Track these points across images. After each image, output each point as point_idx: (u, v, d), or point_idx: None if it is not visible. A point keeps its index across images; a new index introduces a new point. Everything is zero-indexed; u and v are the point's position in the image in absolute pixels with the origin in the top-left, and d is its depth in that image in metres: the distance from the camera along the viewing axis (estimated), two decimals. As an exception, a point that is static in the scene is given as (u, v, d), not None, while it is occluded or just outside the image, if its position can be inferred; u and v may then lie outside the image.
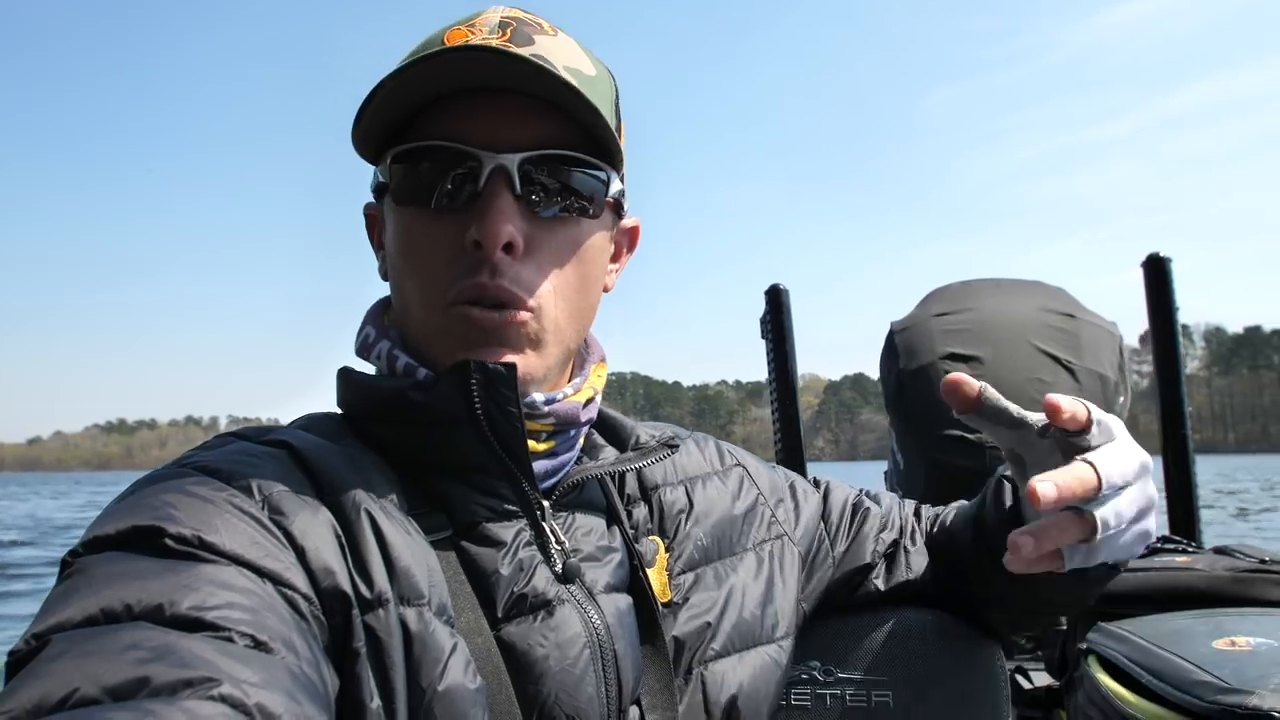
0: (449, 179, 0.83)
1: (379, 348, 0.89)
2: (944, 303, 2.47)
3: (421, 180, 0.84)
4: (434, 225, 0.84)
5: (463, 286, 0.83)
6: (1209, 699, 1.28)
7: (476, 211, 0.82)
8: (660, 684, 0.89)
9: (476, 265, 0.82)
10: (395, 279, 0.90)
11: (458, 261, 0.83)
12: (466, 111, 0.83)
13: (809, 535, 1.11)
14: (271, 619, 0.62)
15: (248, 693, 0.55)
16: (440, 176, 0.83)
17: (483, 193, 0.82)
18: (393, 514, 0.77)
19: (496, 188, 0.82)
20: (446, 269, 0.83)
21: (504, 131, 0.83)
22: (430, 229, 0.84)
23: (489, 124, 0.83)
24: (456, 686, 0.72)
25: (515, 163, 0.82)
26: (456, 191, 0.83)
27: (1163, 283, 2.53)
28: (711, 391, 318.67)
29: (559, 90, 0.81)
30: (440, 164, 0.83)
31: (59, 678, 0.54)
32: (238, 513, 0.69)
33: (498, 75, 0.81)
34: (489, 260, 0.82)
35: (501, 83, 0.82)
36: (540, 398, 0.87)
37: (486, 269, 0.82)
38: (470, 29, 0.84)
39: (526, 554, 0.83)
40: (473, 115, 0.83)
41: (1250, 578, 1.74)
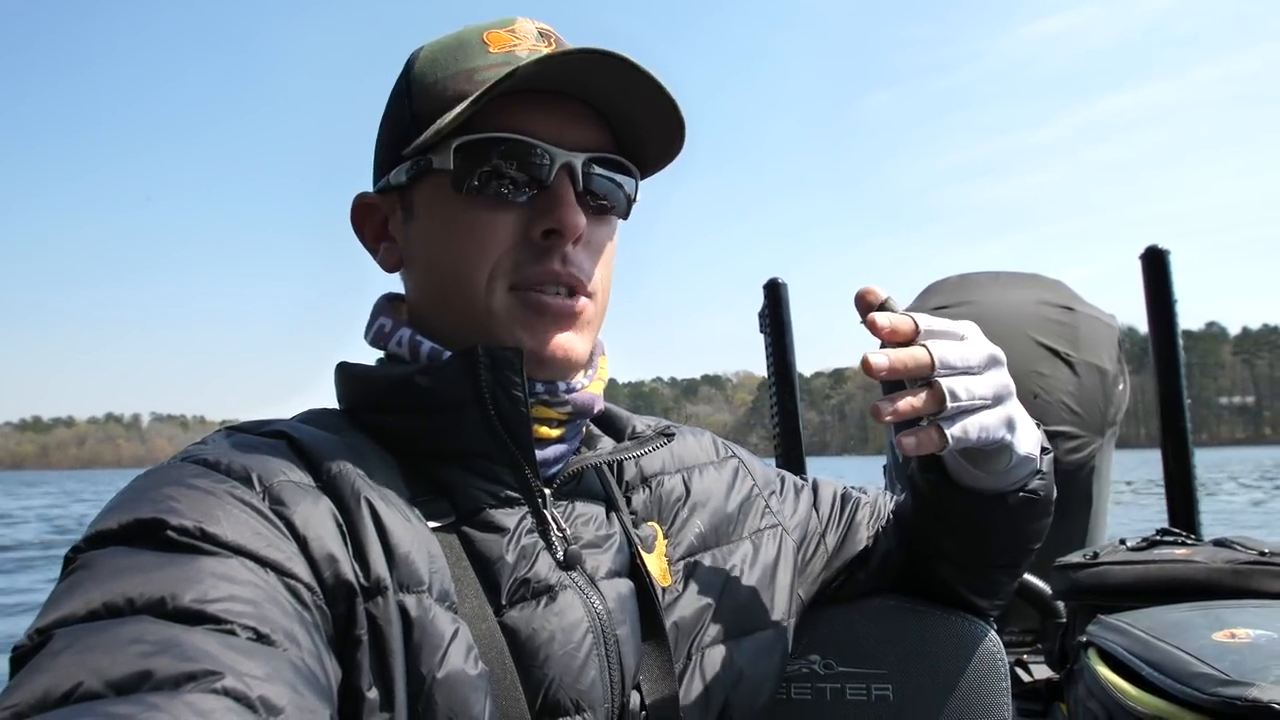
0: (522, 171, 0.86)
1: (399, 335, 0.90)
2: (942, 296, 2.48)
3: (491, 169, 0.86)
4: (499, 213, 0.87)
5: (533, 272, 0.87)
6: (1209, 691, 1.28)
7: (545, 204, 0.86)
8: (661, 668, 0.90)
9: (547, 253, 0.87)
10: (436, 266, 0.90)
11: (523, 249, 0.87)
12: (535, 110, 0.87)
13: (802, 526, 1.13)
14: (274, 611, 0.63)
15: (250, 685, 0.55)
16: (512, 168, 0.86)
17: (552, 186, 0.87)
18: (393, 501, 0.78)
19: (563, 182, 0.87)
20: (509, 255, 0.87)
21: (568, 132, 0.88)
22: (493, 216, 0.87)
23: (556, 123, 0.87)
24: (457, 673, 0.73)
25: (580, 161, 0.88)
26: (524, 183, 0.87)
27: (1161, 275, 2.52)
28: (647, 388, 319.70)
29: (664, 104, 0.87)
30: (513, 156, 0.86)
31: (62, 672, 0.54)
32: (239, 504, 0.69)
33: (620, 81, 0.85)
34: (560, 249, 0.87)
35: (583, 81, 0.86)
36: (562, 385, 0.90)
37: (557, 257, 0.87)
38: (512, 34, 0.90)
39: (529, 540, 0.84)
40: (541, 114, 0.87)
41: (1250, 570, 1.74)
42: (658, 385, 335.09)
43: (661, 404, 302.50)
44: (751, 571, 1.03)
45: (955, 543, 1.09)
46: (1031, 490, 1.02)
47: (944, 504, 1.04)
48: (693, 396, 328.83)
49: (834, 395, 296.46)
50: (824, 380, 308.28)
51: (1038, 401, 2.18)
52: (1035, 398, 2.18)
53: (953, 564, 1.13)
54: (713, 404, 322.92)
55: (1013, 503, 1.02)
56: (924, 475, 1.05)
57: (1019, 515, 1.04)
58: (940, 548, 1.11)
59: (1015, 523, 1.05)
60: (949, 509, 1.04)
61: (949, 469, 1.02)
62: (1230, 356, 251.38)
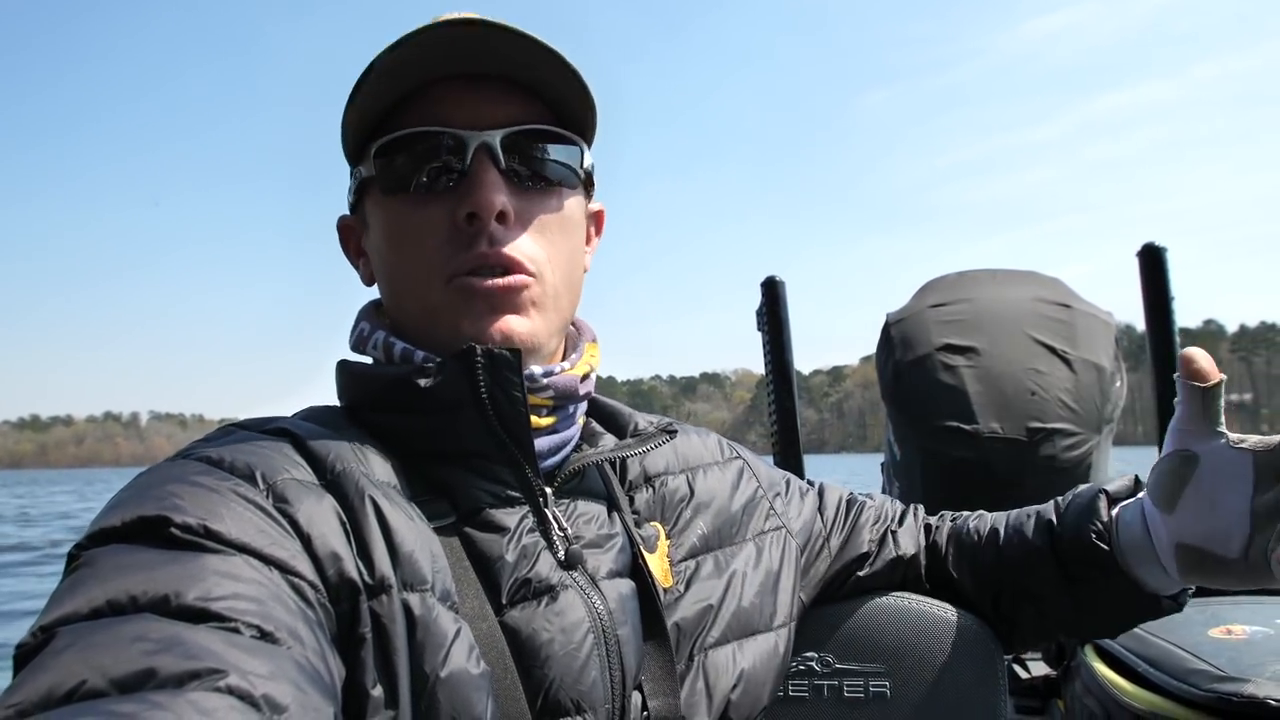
0: (436, 161, 0.86)
1: (375, 338, 0.90)
2: (940, 293, 2.47)
3: (408, 167, 0.86)
4: (425, 208, 0.86)
5: (463, 259, 0.85)
6: (1205, 687, 1.29)
7: (464, 189, 0.85)
8: (662, 670, 0.89)
9: (473, 238, 0.85)
10: (386, 271, 0.92)
11: (453, 240, 0.86)
12: (445, 97, 0.86)
13: (806, 529, 1.12)
14: (278, 609, 0.62)
15: (255, 684, 0.55)
16: (427, 160, 0.86)
17: (469, 170, 0.85)
18: (396, 499, 0.78)
19: (482, 164, 0.85)
20: (441, 248, 0.86)
21: (484, 112, 0.86)
22: (421, 212, 0.87)
23: (469, 107, 0.86)
24: (459, 672, 0.72)
25: (498, 139, 0.86)
26: (444, 173, 0.86)
27: (1158, 272, 2.53)
28: (645, 386, 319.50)
29: (547, 60, 0.85)
30: (426, 148, 0.86)
31: (66, 670, 0.54)
32: (243, 501, 0.69)
33: (484, 49, 0.84)
34: (484, 231, 0.85)
35: (487, 59, 0.85)
36: (538, 370, 0.88)
37: (484, 240, 0.85)
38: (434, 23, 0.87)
39: (530, 540, 0.84)
40: (452, 100, 0.86)
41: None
42: (656, 383, 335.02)
43: (660, 402, 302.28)
44: (755, 574, 1.02)
45: (1064, 603, 1.07)
46: (1182, 602, 1.03)
47: (1089, 574, 1.03)
48: (691, 394, 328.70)
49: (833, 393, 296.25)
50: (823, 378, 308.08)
51: (1035, 399, 2.18)
52: (1032, 395, 2.18)
53: (1041, 613, 1.11)
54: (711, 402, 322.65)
55: (1165, 607, 1.02)
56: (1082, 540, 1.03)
57: (1153, 614, 1.04)
58: (1043, 597, 1.09)
59: (1141, 618, 1.05)
60: (1089, 581, 1.03)
61: (1121, 549, 1.00)
62: (1228, 354, 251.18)
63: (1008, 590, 1.12)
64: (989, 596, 1.14)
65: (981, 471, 2.16)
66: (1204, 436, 0.90)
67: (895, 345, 2.42)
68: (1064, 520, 1.07)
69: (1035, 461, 2.12)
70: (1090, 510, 1.04)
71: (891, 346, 2.43)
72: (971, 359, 2.26)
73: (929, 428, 2.27)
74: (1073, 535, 1.04)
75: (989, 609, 1.15)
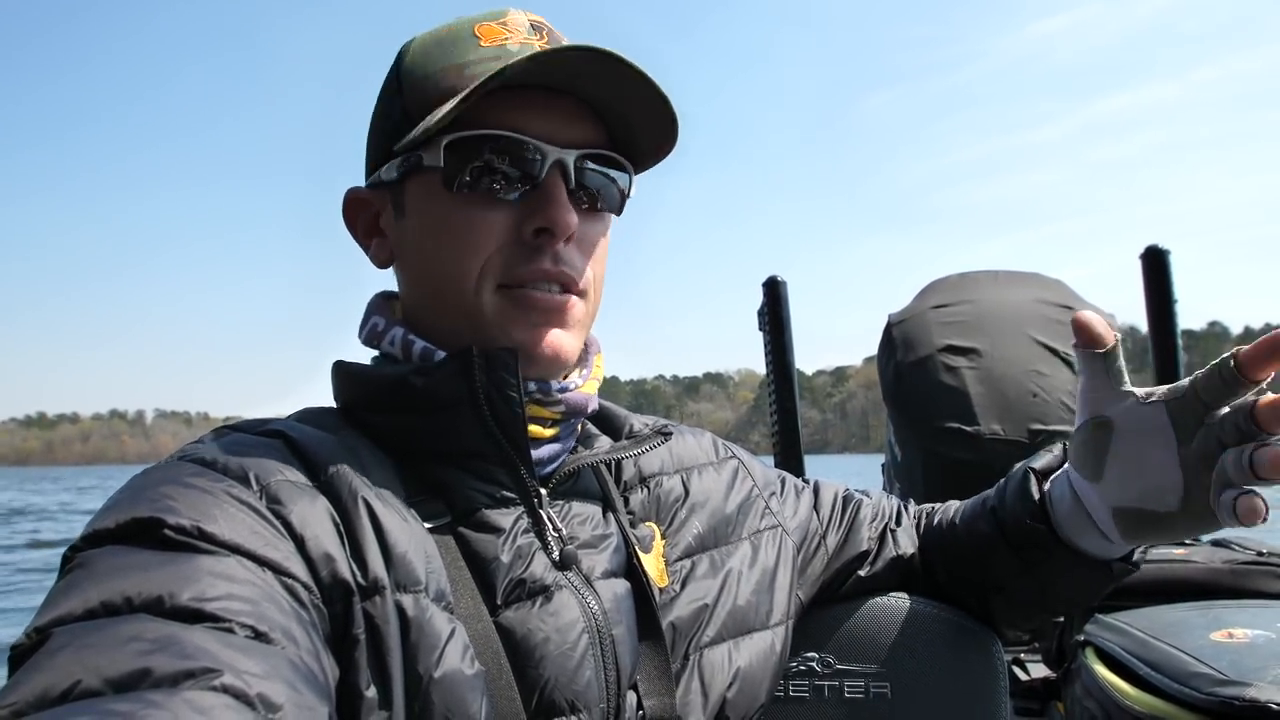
0: (512, 168, 0.86)
1: (391, 334, 0.90)
2: (942, 294, 2.47)
3: (480, 166, 0.85)
4: (489, 211, 0.86)
5: (523, 271, 0.86)
6: (1206, 691, 1.28)
7: (536, 201, 0.86)
8: (657, 669, 0.89)
9: (537, 251, 0.86)
10: (424, 262, 0.90)
11: (515, 248, 0.86)
12: (527, 107, 0.86)
13: (802, 528, 1.12)
14: (272, 609, 0.62)
15: (249, 683, 0.55)
16: (504, 165, 0.86)
17: (543, 184, 0.86)
18: (389, 501, 0.78)
19: (555, 180, 0.86)
20: (500, 254, 0.86)
21: (560, 129, 0.87)
22: (484, 214, 0.86)
23: (546, 120, 0.87)
24: (453, 672, 0.73)
25: (573, 158, 0.87)
26: (515, 181, 0.86)
27: (1161, 275, 2.52)
28: (649, 386, 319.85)
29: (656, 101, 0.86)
30: (503, 153, 0.85)
31: (61, 670, 0.54)
32: (236, 503, 0.69)
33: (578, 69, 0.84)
34: (550, 248, 0.86)
35: (576, 78, 0.86)
36: (554, 384, 0.90)
37: (549, 256, 0.86)
38: (504, 27, 0.89)
39: (525, 541, 0.84)
40: (533, 111, 0.86)
41: (1248, 570, 1.75)
42: (660, 383, 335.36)
43: (663, 402, 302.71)
44: (750, 573, 1.02)
45: (1025, 585, 1.08)
46: (1136, 561, 1.03)
47: (1036, 554, 1.04)
48: (695, 394, 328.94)
49: (835, 393, 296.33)
50: (825, 378, 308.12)
51: (1037, 400, 2.18)
52: (1034, 397, 2.18)
53: (1009, 601, 1.12)
54: (714, 402, 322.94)
55: (1117, 571, 1.02)
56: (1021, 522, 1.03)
57: (1104, 581, 1.04)
58: (1004, 585, 1.10)
59: (1101, 585, 1.05)
60: (1040, 561, 1.04)
61: (1059, 524, 1.00)
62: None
63: (975, 581, 1.13)
64: (965, 591, 1.15)
65: (983, 473, 2.15)
66: (1113, 399, 0.89)
67: (897, 346, 2.42)
68: (1004, 505, 1.07)
69: (1037, 463, 2.12)
70: (1022, 492, 1.04)
71: (893, 347, 2.43)
72: (973, 360, 2.26)
73: (930, 429, 2.26)
74: (1013, 520, 1.05)
75: (971, 604, 1.16)
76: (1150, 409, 0.87)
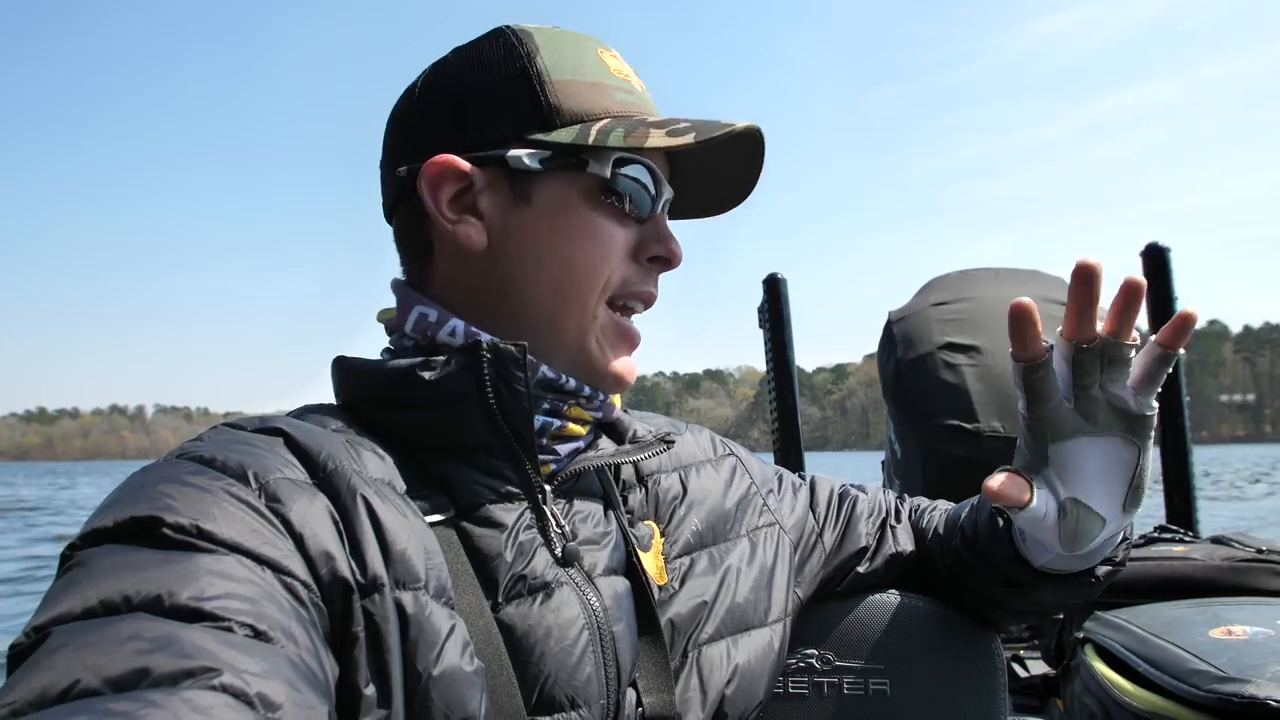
0: (647, 195, 0.92)
1: (451, 325, 0.88)
2: (942, 292, 2.47)
3: (637, 189, 0.91)
4: (621, 227, 0.91)
5: (637, 290, 0.93)
6: (1206, 688, 1.28)
7: (655, 230, 0.94)
8: (657, 666, 0.90)
9: (649, 274, 0.95)
10: (547, 259, 0.89)
11: (629, 264, 0.92)
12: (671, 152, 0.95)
13: (799, 525, 1.13)
14: (271, 608, 0.62)
15: (249, 682, 0.55)
16: (645, 191, 0.92)
17: (658, 215, 0.95)
18: (389, 497, 0.78)
19: (664, 214, 0.96)
20: (621, 268, 0.92)
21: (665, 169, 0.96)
22: (619, 229, 0.91)
23: (662, 159, 0.95)
24: (453, 669, 0.73)
25: (672, 196, 0.96)
26: (645, 207, 0.92)
27: (1162, 272, 2.52)
28: (649, 383, 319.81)
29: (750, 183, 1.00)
30: (650, 181, 0.92)
31: (60, 670, 0.53)
32: (235, 501, 0.69)
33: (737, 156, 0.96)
34: (657, 274, 0.96)
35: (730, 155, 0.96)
36: (602, 395, 0.95)
37: (654, 280, 0.96)
38: (615, 59, 0.96)
39: (527, 536, 0.84)
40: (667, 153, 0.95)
41: (1247, 567, 1.75)
42: (660, 379, 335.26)
43: (664, 398, 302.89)
44: (749, 570, 1.02)
45: (1014, 601, 1.10)
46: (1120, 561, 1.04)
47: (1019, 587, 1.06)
48: (695, 391, 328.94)
49: (835, 390, 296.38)
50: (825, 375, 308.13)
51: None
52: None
53: (1004, 610, 1.15)
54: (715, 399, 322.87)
55: (1093, 581, 1.03)
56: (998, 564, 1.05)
57: (1096, 587, 1.04)
58: (994, 599, 1.12)
59: (1090, 591, 1.05)
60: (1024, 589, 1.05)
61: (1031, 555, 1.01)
62: (1232, 354, 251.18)
63: (967, 594, 1.15)
64: (958, 597, 1.16)
65: (982, 470, 2.14)
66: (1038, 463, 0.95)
67: (897, 343, 2.42)
68: (979, 541, 1.09)
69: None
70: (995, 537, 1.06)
71: (893, 344, 2.43)
72: (973, 357, 2.26)
73: (930, 426, 2.26)
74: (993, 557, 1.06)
75: (964, 605, 1.17)
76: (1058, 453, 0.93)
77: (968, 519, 1.12)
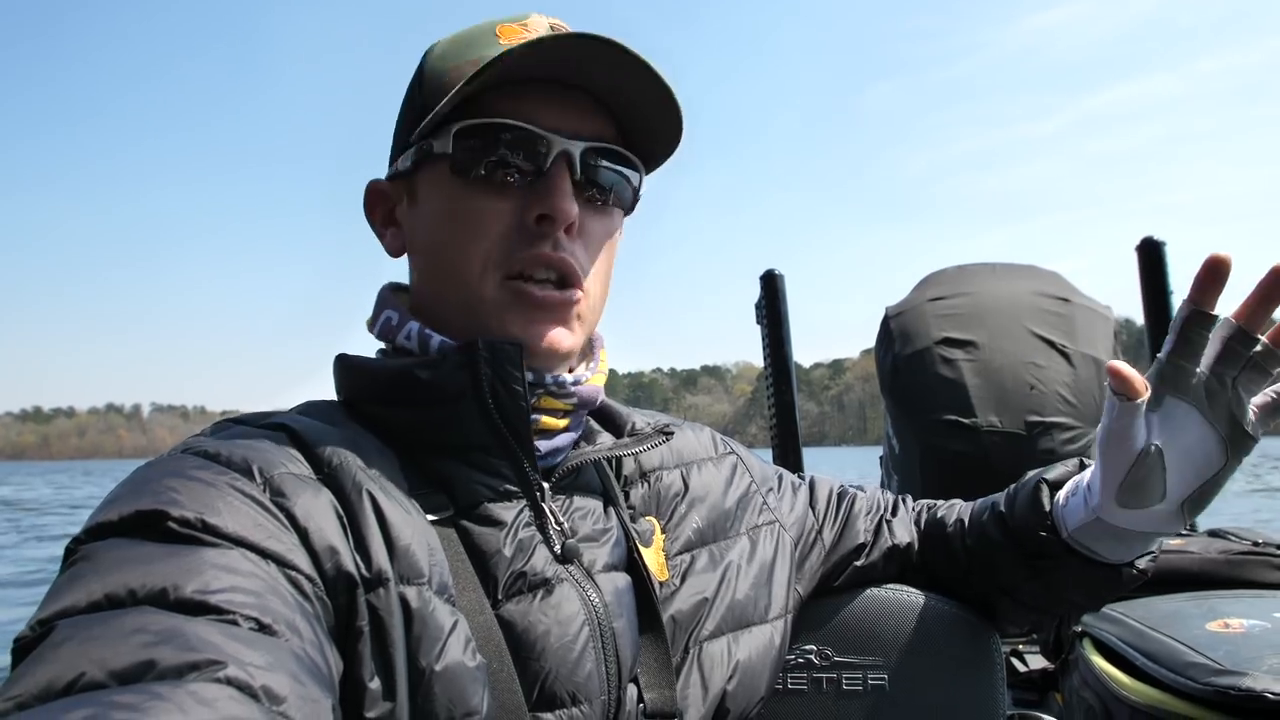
0: (519, 157, 0.87)
1: (407, 329, 0.90)
2: (939, 287, 2.47)
3: (489, 155, 0.87)
4: (495, 199, 0.87)
5: (523, 257, 0.87)
6: (1203, 681, 1.29)
7: (540, 190, 0.87)
8: (658, 662, 0.90)
9: (539, 238, 0.87)
10: (434, 251, 0.91)
11: (516, 236, 0.87)
12: (538, 99, 0.87)
13: (799, 523, 1.13)
14: (275, 602, 0.63)
15: (253, 675, 0.55)
16: (510, 153, 0.87)
17: (548, 173, 0.87)
18: (393, 493, 0.78)
19: (560, 170, 0.87)
20: (502, 241, 0.87)
21: (569, 121, 0.88)
22: (491, 202, 0.87)
23: (557, 112, 0.87)
24: (456, 665, 0.73)
25: (579, 150, 0.88)
26: (521, 170, 0.87)
27: (1157, 266, 2.53)
28: (646, 379, 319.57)
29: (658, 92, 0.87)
30: (512, 142, 0.86)
31: (65, 662, 0.54)
32: (240, 496, 0.69)
33: (613, 69, 0.85)
34: (551, 235, 0.87)
35: (587, 72, 0.86)
36: (569, 377, 0.91)
37: (549, 242, 0.87)
38: (524, 27, 0.90)
39: (526, 534, 0.84)
40: (543, 102, 0.87)
41: (1243, 560, 1.75)
42: (657, 376, 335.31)
43: (661, 395, 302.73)
44: (749, 567, 1.03)
45: (1034, 589, 1.09)
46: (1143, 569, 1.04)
47: (1046, 564, 1.05)
48: (692, 387, 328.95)
49: (833, 386, 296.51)
50: (823, 371, 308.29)
51: (1034, 393, 2.18)
52: (1031, 389, 2.19)
53: (1016, 602, 1.14)
54: (712, 395, 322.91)
55: (1128, 576, 1.03)
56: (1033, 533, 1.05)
57: (1118, 584, 1.04)
58: (1012, 588, 1.12)
59: (1111, 589, 1.06)
60: (1050, 569, 1.05)
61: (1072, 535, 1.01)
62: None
63: (981, 583, 1.14)
64: (968, 588, 1.16)
65: (980, 465, 2.16)
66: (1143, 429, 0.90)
67: (894, 339, 2.42)
68: (1014, 513, 1.08)
69: (1034, 455, 2.13)
70: (1034, 503, 1.06)
71: (891, 340, 2.44)
72: (971, 353, 2.26)
73: (928, 421, 2.27)
74: (1024, 529, 1.06)
75: (972, 599, 1.17)
76: (1169, 407, 0.89)
77: (1007, 495, 1.12)
